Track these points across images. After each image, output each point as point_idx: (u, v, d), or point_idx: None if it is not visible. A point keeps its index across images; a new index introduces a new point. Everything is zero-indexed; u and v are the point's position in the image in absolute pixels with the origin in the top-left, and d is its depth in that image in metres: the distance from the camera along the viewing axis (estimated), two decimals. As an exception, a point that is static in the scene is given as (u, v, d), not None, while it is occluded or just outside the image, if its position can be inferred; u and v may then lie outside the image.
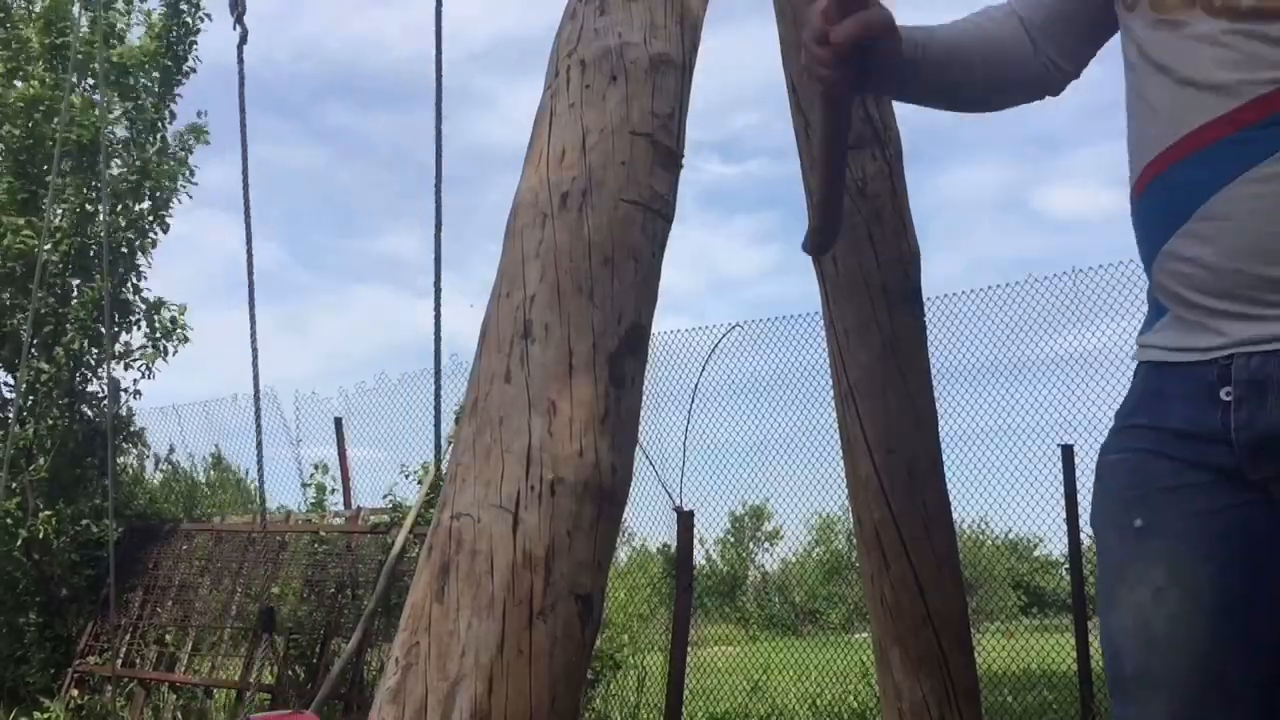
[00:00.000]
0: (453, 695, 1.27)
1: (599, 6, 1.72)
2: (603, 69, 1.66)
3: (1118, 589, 1.38)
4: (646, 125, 1.64)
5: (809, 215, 1.89)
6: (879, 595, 2.29)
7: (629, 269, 1.55)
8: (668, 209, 1.65)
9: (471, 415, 1.47)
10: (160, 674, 7.49)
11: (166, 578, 7.95)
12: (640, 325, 1.55)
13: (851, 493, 2.37)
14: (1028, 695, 7.21)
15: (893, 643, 2.28)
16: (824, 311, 2.42)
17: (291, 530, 7.66)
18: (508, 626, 1.31)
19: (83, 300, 8.04)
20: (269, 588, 7.33)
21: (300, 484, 8.57)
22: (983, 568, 8.79)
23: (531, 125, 1.68)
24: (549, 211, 1.56)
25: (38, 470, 7.87)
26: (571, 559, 1.37)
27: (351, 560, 7.11)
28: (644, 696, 7.55)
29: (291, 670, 6.94)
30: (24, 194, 7.95)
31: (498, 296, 1.55)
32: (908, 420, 2.29)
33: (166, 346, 8.40)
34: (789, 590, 14.04)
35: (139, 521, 8.35)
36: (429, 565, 1.37)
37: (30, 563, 7.90)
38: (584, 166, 1.58)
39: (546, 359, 1.46)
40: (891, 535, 2.25)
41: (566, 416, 1.43)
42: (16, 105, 7.92)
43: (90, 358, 8.22)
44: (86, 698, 7.50)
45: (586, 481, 1.41)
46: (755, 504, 13.00)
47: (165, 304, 8.44)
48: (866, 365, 2.30)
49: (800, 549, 13.16)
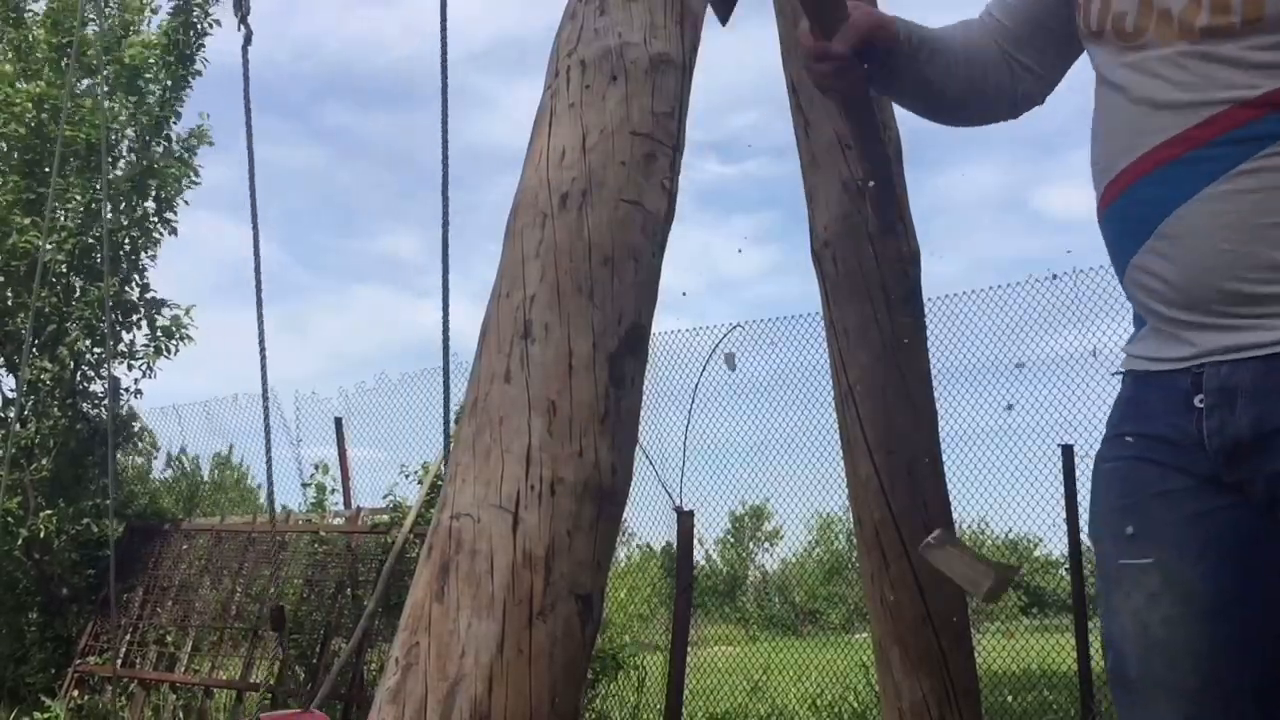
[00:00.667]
0: (453, 695, 1.27)
1: (599, 6, 1.72)
2: (603, 69, 1.66)
3: (1115, 595, 1.42)
4: (646, 125, 1.64)
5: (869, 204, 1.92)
6: (879, 595, 2.29)
7: (629, 269, 1.55)
8: (668, 208, 1.65)
9: (471, 415, 1.47)
10: (160, 674, 7.49)
11: (166, 577, 7.95)
12: (640, 325, 1.55)
13: (852, 493, 2.37)
14: (1028, 695, 7.20)
15: (893, 643, 2.28)
16: (824, 311, 2.43)
17: (291, 530, 7.65)
18: (508, 626, 1.31)
19: (86, 299, 8.04)
20: (269, 588, 7.33)
21: (300, 484, 8.57)
22: (983, 568, 8.77)
23: (530, 125, 1.69)
24: (549, 211, 1.56)
25: (39, 469, 7.87)
26: (571, 559, 1.37)
27: (351, 560, 7.11)
28: (644, 696, 7.55)
29: (291, 670, 6.94)
30: (30, 194, 7.95)
31: (498, 296, 1.55)
32: (908, 420, 2.29)
33: (168, 346, 8.40)
34: (789, 590, 14.04)
35: (139, 521, 8.35)
36: (429, 565, 1.37)
37: (31, 562, 7.90)
38: (584, 166, 1.58)
39: (546, 359, 1.46)
40: (891, 535, 2.25)
41: (566, 416, 1.43)
42: (24, 104, 7.91)
43: (92, 356, 8.22)
44: (87, 698, 7.50)
45: (586, 481, 1.41)
46: (755, 504, 13.00)
47: (168, 304, 8.45)
48: (866, 365, 2.30)
49: (800, 549, 13.17)
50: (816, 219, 2.42)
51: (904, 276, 2.35)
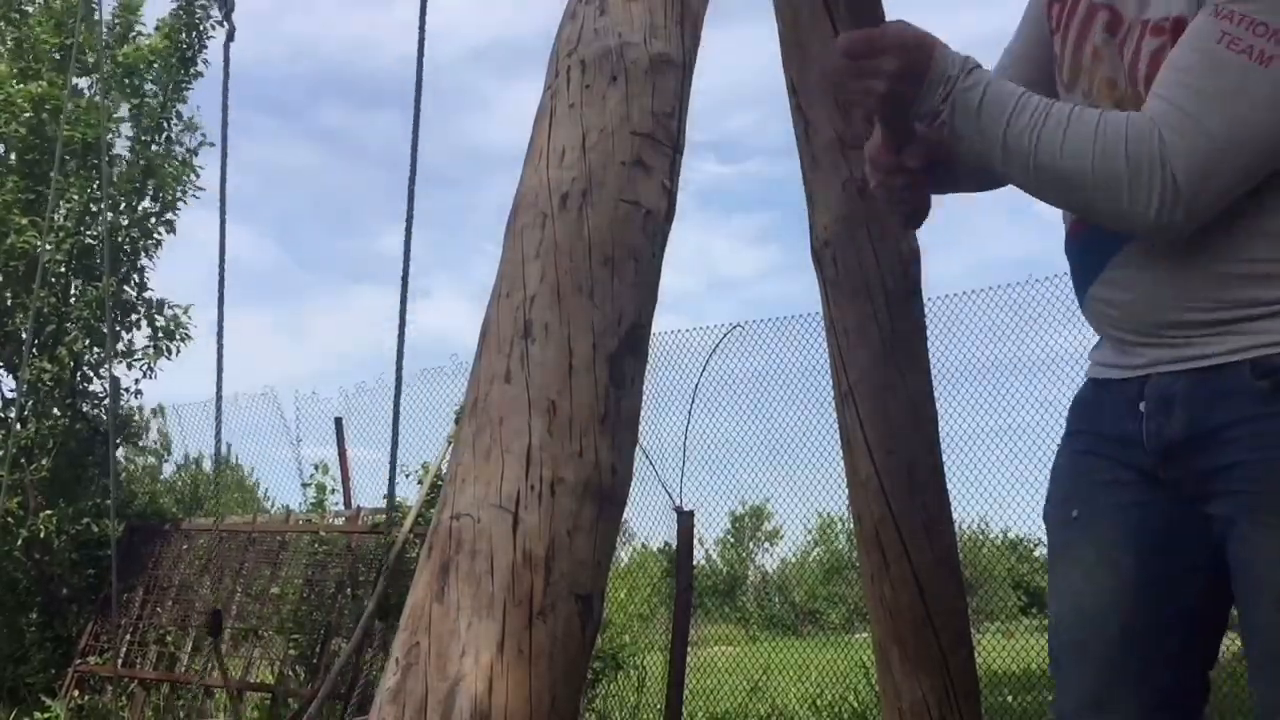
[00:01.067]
0: (453, 695, 1.27)
1: (599, 6, 1.72)
2: (603, 69, 1.66)
3: (1056, 576, 1.64)
4: (646, 125, 1.64)
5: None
6: (879, 595, 2.29)
7: (629, 269, 1.55)
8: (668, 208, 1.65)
9: (471, 415, 1.47)
10: (160, 674, 7.49)
11: (166, 578, 7.95)
12: (640, 325, 1.55)
13: (851, 493, 2.37)
14: (1028, 695, 7.20)
15: (893, 643, 2.28)
16: (824, 311, 2.43)
17: (291, 530, 7.66)
18: (508, 626, 1.31)
19: (85, 299, 8.04)
20: (269, 588, 7.33)
21: (300, 484, 8.58)
22: (983, 568, 8.79)
23: (528, 125, 1.69)
24: (549, 211, 1.56)
25: (39, 469, 7.87)
26: (572, 559, 1.37)
27: (351, 560, 7.11)
28: (644, 696, 7.55)
29: (291, 670, 6.94)
30: (30, 194, 7.94)
31: (498, 296, 1.55)
32: (908, 420, 2.29)
33: (168, 346, 8.39)
34: (789, 590, 14.03)
35: (139, 521, 8.35)
36: (429, 565, 1.37)
37: (30, 562, 7.90)
38: (584, 166, 1.58)
39: (546, 359, 1.46)
40: (891, 535, 2.25)
41: (566, 416, 1.43)
42: (24, 105, 7.90)
43: (91, 357, 8.21)
44: (87, 698, 7.50)
45: (587, 481, 1.41)
46: (755, 504, 13.00)
47: (168, 303, 8.44)
48: (866, 365, 2.30)
49: (800, 549, 13.17)
50: (816, 219, 2.42)
51: (904, 276, 2.35)
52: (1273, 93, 1.37)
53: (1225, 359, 1.44)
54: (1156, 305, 1.49)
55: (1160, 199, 1.38)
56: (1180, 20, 1.45)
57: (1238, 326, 1.43)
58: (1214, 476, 1.46)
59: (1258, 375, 1.41)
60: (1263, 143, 1.38)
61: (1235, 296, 1.43)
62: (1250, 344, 1.42)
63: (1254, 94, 1.37)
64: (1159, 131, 1.39)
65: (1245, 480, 1.42)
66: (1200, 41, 1.40)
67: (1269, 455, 1.40)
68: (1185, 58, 1.42)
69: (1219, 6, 1.39)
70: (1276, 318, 1.41)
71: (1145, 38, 1.49)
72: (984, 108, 1.45)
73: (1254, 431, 1.41)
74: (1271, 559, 1.41)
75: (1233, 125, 1.37)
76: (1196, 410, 1.46)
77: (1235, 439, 1.43)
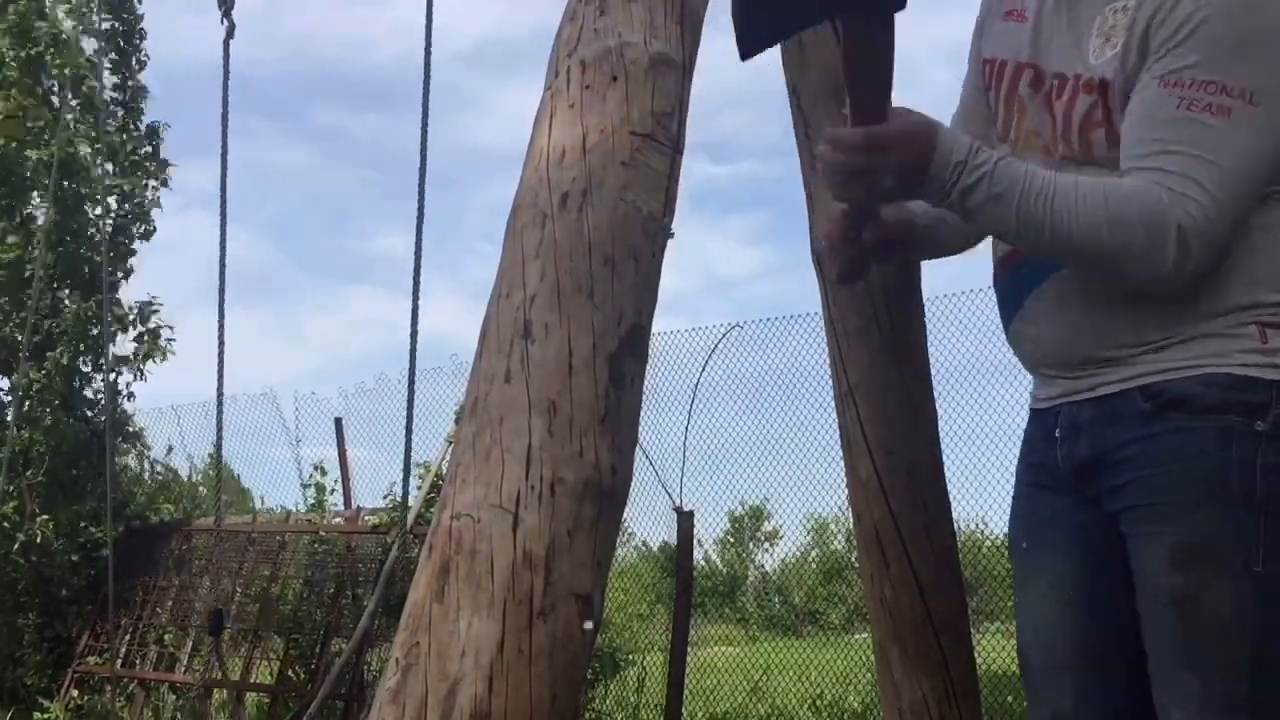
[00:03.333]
0: (453, 695, 1.27)
1: (599, 7, 1.73)
2: (603, 69, 1.66)
3: (1018, 600, 1.79)
4: (646, 125, 1.64)
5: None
6: (879, 595, 2.29)
7: (629, 269, 1.55)
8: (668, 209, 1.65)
9: (471, 415, 1.47)
10: (160, 674, 7.48)
11: (166, 578, 7.94)
12: (640, 325, 1.55)
13: (851, 493, 2.36)
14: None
15: (893, 643, 2.27)
16: (824, 311, 2.42)
17: (291, 530, 7.65)
18: (508, 626, 1.31)
19: (72, 312, 8.03)
20: (269, 588, 7.33)
21: (300, 484, 8.57)
22: (983, 568, 8.78)
23: (522, 125, 1.69)
24: (549, 211, 1.56)
25: (35, 474, 7.86)
26: (572, 559, 1.37)
27: (351, 560, 7.10)
28: (644, 696, 7.54)
29: (291, 670, 6.93)
30: (4, 200, 7.94)
31: (498, 297, 1.55)
32: (908, 420, 2.29)
33: (156, 349, 8.37)
34: (789, 591, 14.03)
35: (138, 522, 8.34)
36: (429, 565, 1.37)
37: (29, 564, 7.89)
38: (584, 166, 1.58)
39: (546, 359, 1.46)
40: (891, 535, 2.25)
41: (566, 416, 1.43)
42: None
43: (82, 363, 8.21)
44: (86, 698, 7.50)
45: (586, 481, 1.41)
46: (755, 504, 12.98)
47: (151, 304, 8.42)
48: (866, 365, 2.30)
49: (800, 549, 13.16)
50: (817, 220, 2.42)
51: (904, 276, 2.35)
52: (1249, 139, 1.50)
53: (1122, 386, 1.60)
54: (1072, 342, 1.65)
55: (1177, 259, 1.50)
56: (1105, 82, 1.58)
57: (1133, 360, 1.60)
58: (1116, 494, 1.60)
59: (1145, 399, 1.57)
60: (1246, 185, 1.52)
61: (1139, 337, 1.59)
62: (1142, 371, 1.58)
63: (1232, 145, 1.50)
64: (1163, 195, 1.50)
65: (1135, 494, 1.57)
66: (1163, 112, 1.52)
67: (1153, 470, 1.55)
68: (1157, 129, 1.53)
69: (1164, 79, 1.52)
70: (1163, 350, 1.57)
71: (1079, 94, 1.62)
72: (993, 191, 1.54)
73: (1141, 450, 1.56)
74: (1155, 567, 1.54)
75: (1224, 178, 1.50)
76: (1097, 433, 1.62)
77: (1127, 458, 1.58)
